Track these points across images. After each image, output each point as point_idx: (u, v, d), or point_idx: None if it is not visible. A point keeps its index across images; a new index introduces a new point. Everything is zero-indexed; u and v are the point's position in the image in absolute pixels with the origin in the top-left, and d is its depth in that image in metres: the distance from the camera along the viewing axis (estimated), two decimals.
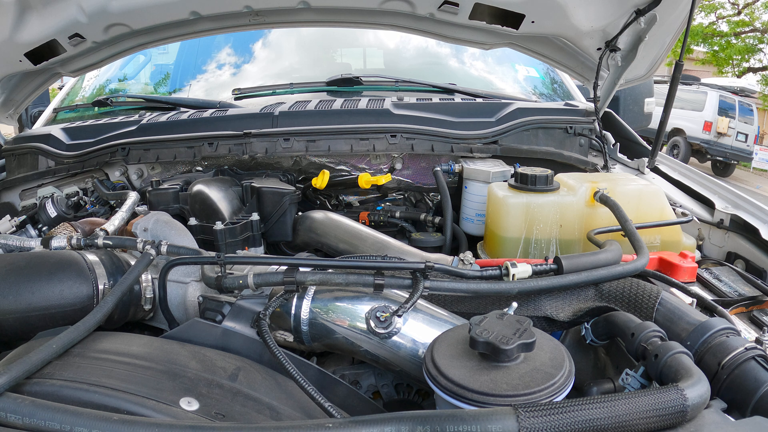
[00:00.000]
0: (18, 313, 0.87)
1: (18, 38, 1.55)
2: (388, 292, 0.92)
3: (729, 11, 17.61)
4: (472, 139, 1.71)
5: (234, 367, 0.80)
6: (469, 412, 0.58)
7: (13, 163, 1.94)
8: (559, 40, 1.72)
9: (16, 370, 0.63)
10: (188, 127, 1.77)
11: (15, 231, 1.45)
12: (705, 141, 12.00)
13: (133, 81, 2.57)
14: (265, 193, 1.51)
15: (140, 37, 1.77)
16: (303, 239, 1.49)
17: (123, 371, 0.71)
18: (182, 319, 1.07)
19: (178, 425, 0.58)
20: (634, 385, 0.77)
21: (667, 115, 1.63)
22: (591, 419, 0.57)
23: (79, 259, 0.97)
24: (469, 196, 1.56)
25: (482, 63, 2.46)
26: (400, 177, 1.76)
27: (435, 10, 1.62)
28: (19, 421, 0.57)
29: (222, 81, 2.31)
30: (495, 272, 0.95)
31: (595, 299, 0.96)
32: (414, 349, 0.87)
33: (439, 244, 1.46)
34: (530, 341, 0.69)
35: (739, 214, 1.38)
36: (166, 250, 1.04)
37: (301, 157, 1.72)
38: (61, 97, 2.41)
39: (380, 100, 1.83)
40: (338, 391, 0.87)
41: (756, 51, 17.54)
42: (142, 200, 1.54)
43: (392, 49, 2.55)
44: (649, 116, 2.64)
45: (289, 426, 0.59)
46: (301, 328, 0.91)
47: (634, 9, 1.51)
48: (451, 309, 0.96)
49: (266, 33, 2.44)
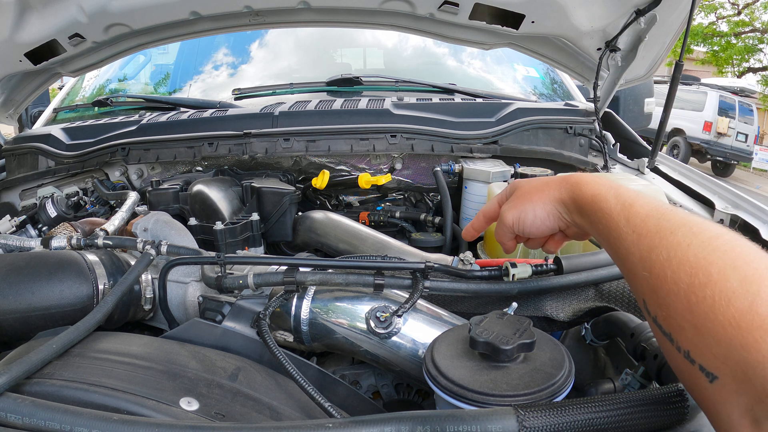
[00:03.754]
0: (18, 313, 0.87)
1: (18, 38, 1.55)
2: (388, 292, 0.92)
3: (729, 11, 17.62)
4: (472, 139, 1.71)
5: (234, 367, 0.80)
6: (469, 412, 0.58)
7: (13, 163, 1.94)
8: (559, 40, 1.72)
9: (16, 370, 0.63)
10: (188, 127, 1.77)
11: (15, 231, 1.45)
12: (705, 141, 12.01)
13: (133, 81, 2.57)
14: (265, 193, 1.51)
15: (140, 37, 1.77)
16: (303, 239, 1.49)
17: (123, 371, 0.71)
18: (182, 319, 1.07)
19: (178, 425, 0.58)
20: (634, 385, 0.77)
21: (667, 115, 1.63)
22: (591, 419, 0.57)
23: (79, 259, 0.97)
24: (469, 196, 1.56)
25: (482, 63, 2.46)
26: (400, 177, 1.76)
27: (435, 10, 1.62)
28: (19, 421, 0.57)
29: (222, 81, 2.31)
30: (495, 272, 0.95)
31: (595, 299, 0.96)
32: (414, 349, 0.87)
33: (439, 244, 1.46)
34: (530, 341, 0.69)
35: (739, 215, 1.38)
36: (166, 250, 1.04)
37: (301, 157, 1.72)
38: (61, 97, 2.41)
39: (380, 100, 1.83)
40: (338, 391, 0.87)
41: (756, 51, 17.55)
42: (142, 200, 1.54)
43: (392, 49, 2.55)
44: (649, 116, 2.64)
45: (289, 426, 0.59)
46: (301, 328, 0.91)
47: (634, 9, 1.51)
48: (451, 309, 0.96)
49: (266, 33, 2.44)
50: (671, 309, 0.51)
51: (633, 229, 0.59)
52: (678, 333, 0.50)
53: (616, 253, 0.64)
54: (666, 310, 0.52)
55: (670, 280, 0.51)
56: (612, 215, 0.64)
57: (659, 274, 0.53)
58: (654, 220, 0.58)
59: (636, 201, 0.63)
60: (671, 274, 0.51)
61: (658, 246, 0.54)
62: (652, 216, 0.59)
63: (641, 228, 0.58)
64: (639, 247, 0.57)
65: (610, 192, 0.67)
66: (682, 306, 0.49)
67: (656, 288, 0.53)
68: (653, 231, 0.57)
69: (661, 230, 0.56)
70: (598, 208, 0.67)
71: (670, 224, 0.56)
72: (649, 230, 0.57)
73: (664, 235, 0.55)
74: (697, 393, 0.50)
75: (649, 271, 0.54)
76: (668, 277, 0.51)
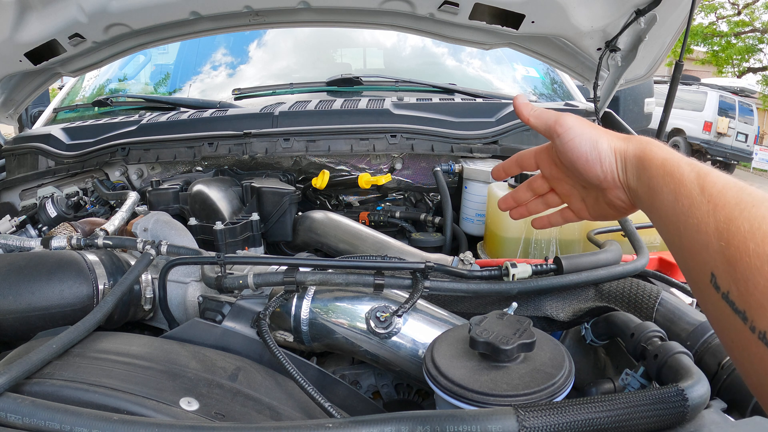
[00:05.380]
0: (18, 313, 0.87)
1: (18, 38, 1.55)
2: (388, 292, 0.92)
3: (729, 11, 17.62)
4: (472, 139, 1.71)
5: (234, 367, 0.80)
6: (469, 412, 0.58)
7: (13, 163, 1.94)
8: (559, 40, 1.72)
9: (16, 370, 0.63)
10: (188, 127, 1.77)
11: (15, 231, 1.45)
12: (705, 141, 12.01)
13: (133, 81, 2.57)
14: (265, 193, 1.51)
15: (140, 37, 1.77)
16: (303, 239, 1.49)
17: (123, 371, 0.71)
18: (182, 319, 1.07)
19: (178, 425, 0.58)
20: (634, 385, 0.77)
21: (667, 115, 1.63)
22: (591, 419, 0.57)
23: (79, 259, 0.97)
24: (469, 196, 1.56)
25: (482, 63, 2.46)
26: (400, 177, 1.76)
27: (435, 10, 1.62)
28: (19, 421, 0.57)
29: (222, 81, 2.31)
30: (495, 272, 0.95)
31: (595, 299, 0.96)
32: (414, 349, 0.87)
33: (439, 244, 1.46)
34: (530, 341, 0.69)
35: None
36: (166, 250, 1.04)
37: (301, 157, 1.72)
38: (61, 97, 2.41)
39: (380, 100, 1.83)
40: (338, 391, 0.87)
41: (756, 51, 17.55)
42: (142, 200, 1.54)
43: (392, 49, 2.55)
44: (649, 116, 2.64)
45: (289, 426, 0.59)
46: (301, 328, 0.91)
47: (634, 9, 1.51)
48: (451, 309, 0.96)
49: (266, 33, 2.44)
50: (750, 284, 0.48)
51: (708, 198, 0.56)
52: (755, 311, 0.47)
53: (684, 223, 0.59)
54: (744, 284, 0.49)
55: (752, 254, 0.48)
56: (684, 182, 0.60)
57: (739, 246, 0.50)
58: (733, 192, 0.55)
59: (711, 172, 0.60)
60: (754, 247, 0.49)
61: (738, 218, 0.52)
62: (730, 188, 0.56)
63: (718, 198, 0.55)
64: (715, 218, 0.54)
65: (682, 159, 0.63)
66: (765, 282, 0.47)
67: (734, 261, 0.50)
68: (732, 202, 0.54)
69: (741, 202, 0.53)
70: (668, 173, 0.63)
71: (752, 198, 0.53)
72: (728, 201, 0.54)
73: (745, 207, 0.52)
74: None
75: (726, 242, 0.52)
76: (750, 249, 0.49)
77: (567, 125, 0.75)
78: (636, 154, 0.69)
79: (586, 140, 0.73)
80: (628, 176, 0.71)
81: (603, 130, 0.74)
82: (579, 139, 0.74)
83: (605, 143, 0.72)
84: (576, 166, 0.75)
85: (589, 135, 0.73)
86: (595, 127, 0.75)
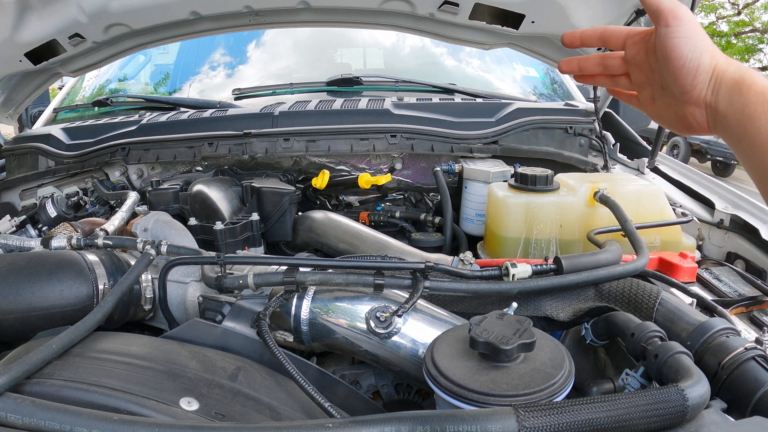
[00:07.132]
0: (18, 313, 0.87)
1: (18, 38, 1.55)
2: (388, 292, 0.92)
3: (729, 11, 17.61)
4: (472, 139, 1.71)
5: (234, 367, 0.80)
6: (469, 412, 0.58)
7: (13, 163, 1.94)
8: (559, 40, 1.72)
9: (16, 370, 0.63)
10: (188, 127, 1.77)
11: (15, 231, 1.45)
12: (705, 141, 12.00)
13: (133, 81, 2.57)
14: (265, 193, 1.51)
15: (140, 37, 1.77)
16: (303, 239, 1.49)
17: (123, 371, 0.71)
18: (182, 319, 1.07)
19: (178, 425, 0.58)
20: (634, 385, 0.77)
21: None
22: (591, 419, 0.57)
23: (79, 259, 0.97)
24: (469, 196, 1.56)
25: (482, 63, 2.46)
26: (400, 177, 1.76)
27: (435, 10, 1.62)
28: (19, 421, 0.57)
29: (222, 81, 2.31)
30: (495, 272, 0.95)
31: (595, 299, 0.96)
32: (414, 349, 0.87)
33: (439, 244, 1.46)
34: (530, 341, 0.69)
35: (739, 214, 1.38)
36: (166, 250, 1.04)
37: (301, 157, 1.72)
38: (61, 97, 2.41)
39: (380, 100, 1.83)
40: (338, 391, 0.87)
41: (756, 51, 17.53)
42: (142, 200, 1.54)
43: (392, 49, 2.55)
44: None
45: (289, 426, 0.59)
46: (301, 328, 0.91)
47: (634, 9, 1.51)
48: (451, 309, 0.96)
49: (266, 33, 2.44)
50: None
51: None
52: None
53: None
54: None
55: None
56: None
57: None
58: None
59: None
60: None
61: None
62: None
63: None
64: None
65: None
66: None
67: None
68: None
69: None
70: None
71: None
72: None
73: None
74: None
75: None
76: None
77: (682, 19, 0.68)
78: (734, 78, 0.65)
79: (693, 46, 0.67)
80: (718, 98, 0.67)
81: (711, 44, 0.68)
82: (686, 40, 0.67)
83: (708, 58, 0.67)
84: (668, 65, 0.69)
85: (696, 41, 0.67)
86: (705, 36, 0.69)
